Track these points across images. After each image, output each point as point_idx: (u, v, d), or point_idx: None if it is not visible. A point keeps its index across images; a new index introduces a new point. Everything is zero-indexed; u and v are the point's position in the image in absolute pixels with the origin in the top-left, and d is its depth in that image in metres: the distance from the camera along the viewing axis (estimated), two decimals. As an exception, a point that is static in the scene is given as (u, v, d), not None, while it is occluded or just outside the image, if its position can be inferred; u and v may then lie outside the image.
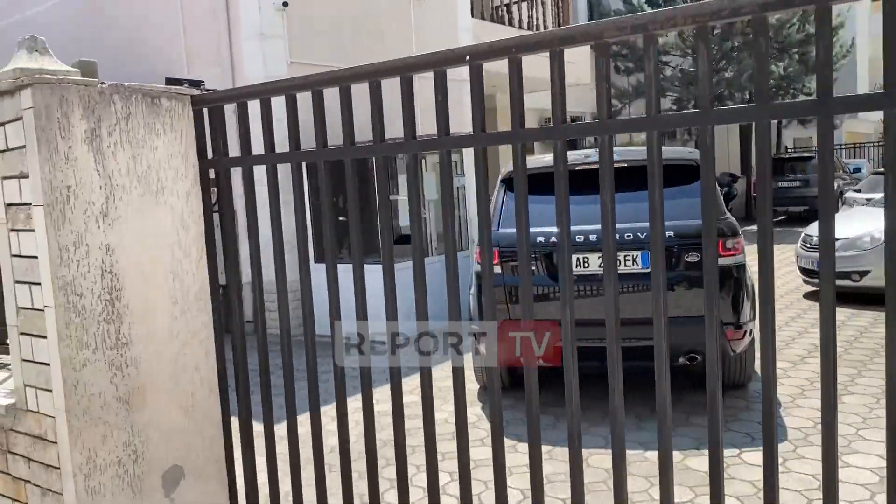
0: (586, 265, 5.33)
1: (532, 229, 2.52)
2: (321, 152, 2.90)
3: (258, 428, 3.21)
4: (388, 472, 4.24)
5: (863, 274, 8.45)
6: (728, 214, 5.70)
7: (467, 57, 2.40)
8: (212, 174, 3.18)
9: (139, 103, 2.89)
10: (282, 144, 2.89)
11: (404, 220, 8.57)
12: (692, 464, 4.54)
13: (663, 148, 2.24)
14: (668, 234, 4.34)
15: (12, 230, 2.80)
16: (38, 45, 2.77)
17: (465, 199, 9.08)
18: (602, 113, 2.22)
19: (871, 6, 30.43)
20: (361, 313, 2.84)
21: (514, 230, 2.56)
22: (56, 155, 2.65)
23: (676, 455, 4.45)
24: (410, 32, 10.41)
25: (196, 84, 3.21)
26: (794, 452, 4.63)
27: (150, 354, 2.92)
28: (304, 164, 3.05)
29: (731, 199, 18.52)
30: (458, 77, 4.61)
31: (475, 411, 5.72)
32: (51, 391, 2.74)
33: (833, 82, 1.94)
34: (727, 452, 4.53)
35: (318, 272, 3.15)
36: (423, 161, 8.46)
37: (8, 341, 2.96)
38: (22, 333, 2.84)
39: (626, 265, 5.25)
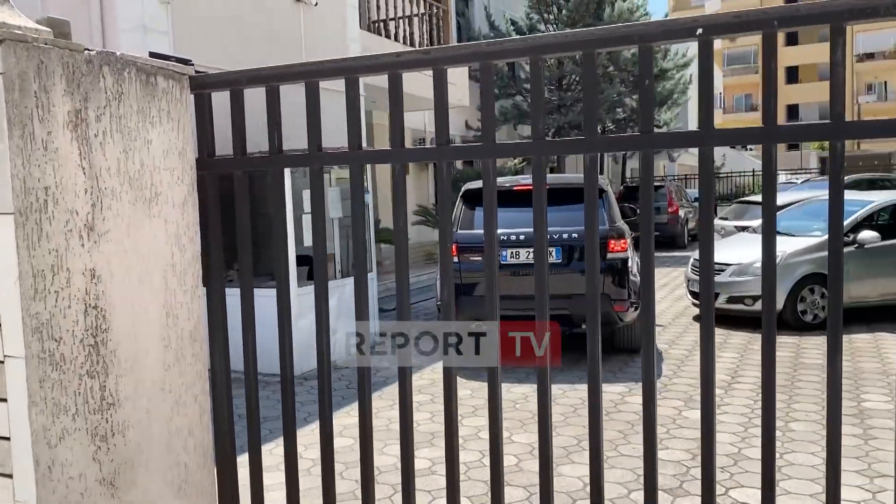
0: (517, 257, 7.20)
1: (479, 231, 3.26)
2: (359, 154, 2.33)
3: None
4: None
5: (755, 298, 8.75)
6: (620, 222, 7.58)
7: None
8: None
9: (133, 81, 2.17)
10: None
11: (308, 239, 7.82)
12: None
13: (574, 175, 2.07)
14: (573, 235, 7.03)
15: (-51, 248, 1.97)
16: (-5, -10, 1.99)
17: (370, 218, 8.49)
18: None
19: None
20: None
21: (467, 231, 6.49)
22: (32, 143, 1.88)
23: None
24: (300, 39, 9.71)
25: (184, 63, 2.51)
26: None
27: (139, 417, 2.17)
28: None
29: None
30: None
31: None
32: (10, 477, 1.93)
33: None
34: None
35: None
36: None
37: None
38: (-42, 395, 2.00)
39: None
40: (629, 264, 7.22)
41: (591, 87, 2.00)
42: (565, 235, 7.06)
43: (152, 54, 2.31)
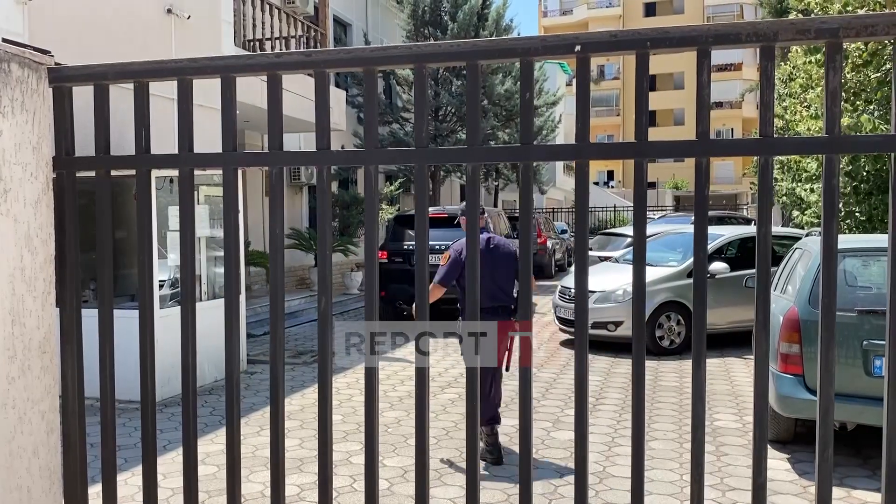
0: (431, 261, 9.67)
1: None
2: (234, 156, 2.24)
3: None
4: None
5: (617, 324, 9.14)
6: None
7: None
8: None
9: (-18, 66, 1.99)
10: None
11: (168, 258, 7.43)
12: None
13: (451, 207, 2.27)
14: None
15: None
16: None
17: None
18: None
19: (565, 89, 34.82)
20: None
21: (394, 243, 12.17)
22: None
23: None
24: (171, 53, 9.36)
25: (43, 53, 2.33)
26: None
27: (-25, 435, 1.97)
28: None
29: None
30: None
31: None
32: None
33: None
34: None
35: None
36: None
37: None
38: None
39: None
40: None
41: (474, 98, 2.02)
42: (443, 246, 9.95)
43: (6, 41, 2.13)
